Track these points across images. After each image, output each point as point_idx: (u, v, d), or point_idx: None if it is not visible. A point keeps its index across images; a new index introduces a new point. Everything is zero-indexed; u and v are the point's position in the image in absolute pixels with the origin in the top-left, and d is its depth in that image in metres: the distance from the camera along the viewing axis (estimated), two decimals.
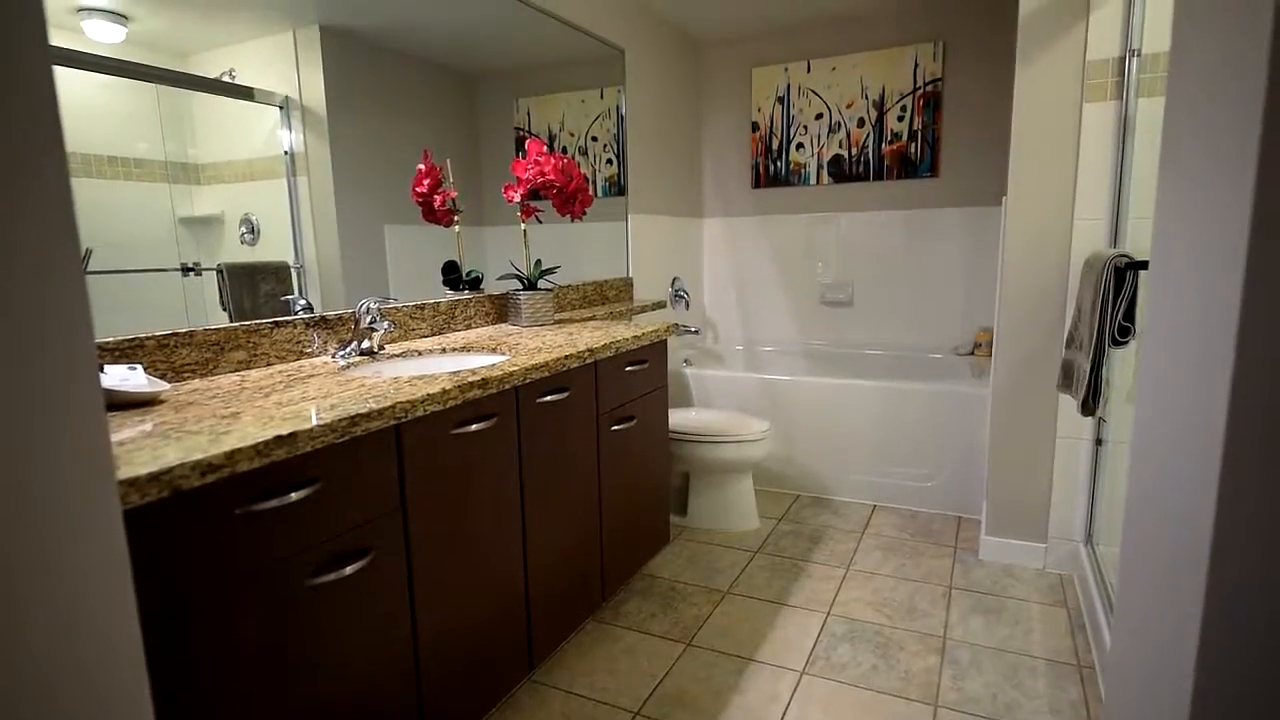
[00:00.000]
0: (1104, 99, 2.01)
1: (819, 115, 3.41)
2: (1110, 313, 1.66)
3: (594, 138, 2.79)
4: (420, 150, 2.00)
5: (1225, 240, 0.54)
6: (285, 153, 1.63)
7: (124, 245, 1.34)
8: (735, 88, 3.59)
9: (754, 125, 3.56)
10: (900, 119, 3.25)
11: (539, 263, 2.32)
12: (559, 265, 2.47)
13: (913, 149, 3.25)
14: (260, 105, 1.57)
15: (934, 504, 2.79)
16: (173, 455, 0.89)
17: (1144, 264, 1.62)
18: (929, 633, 1.95)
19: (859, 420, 2.86)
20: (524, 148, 2.38)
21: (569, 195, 2.19)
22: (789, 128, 3.48)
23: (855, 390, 2.85)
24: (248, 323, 1.53)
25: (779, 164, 3.53)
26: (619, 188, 2.96)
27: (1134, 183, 1.99)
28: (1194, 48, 0.65)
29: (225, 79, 1.49)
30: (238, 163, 1.53)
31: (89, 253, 1.27)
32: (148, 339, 1.34)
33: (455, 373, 1.44)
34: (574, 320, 2.36)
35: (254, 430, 1.01)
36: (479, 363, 1.78)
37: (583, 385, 1.79)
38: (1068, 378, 1.90)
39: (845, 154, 3.38)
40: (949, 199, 3.23)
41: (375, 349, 1.71)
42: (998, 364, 2.27)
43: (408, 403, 1.21)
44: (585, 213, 2.26)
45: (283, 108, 1.62)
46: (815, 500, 2.96)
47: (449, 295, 2.14)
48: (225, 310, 1.52)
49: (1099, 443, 2.15)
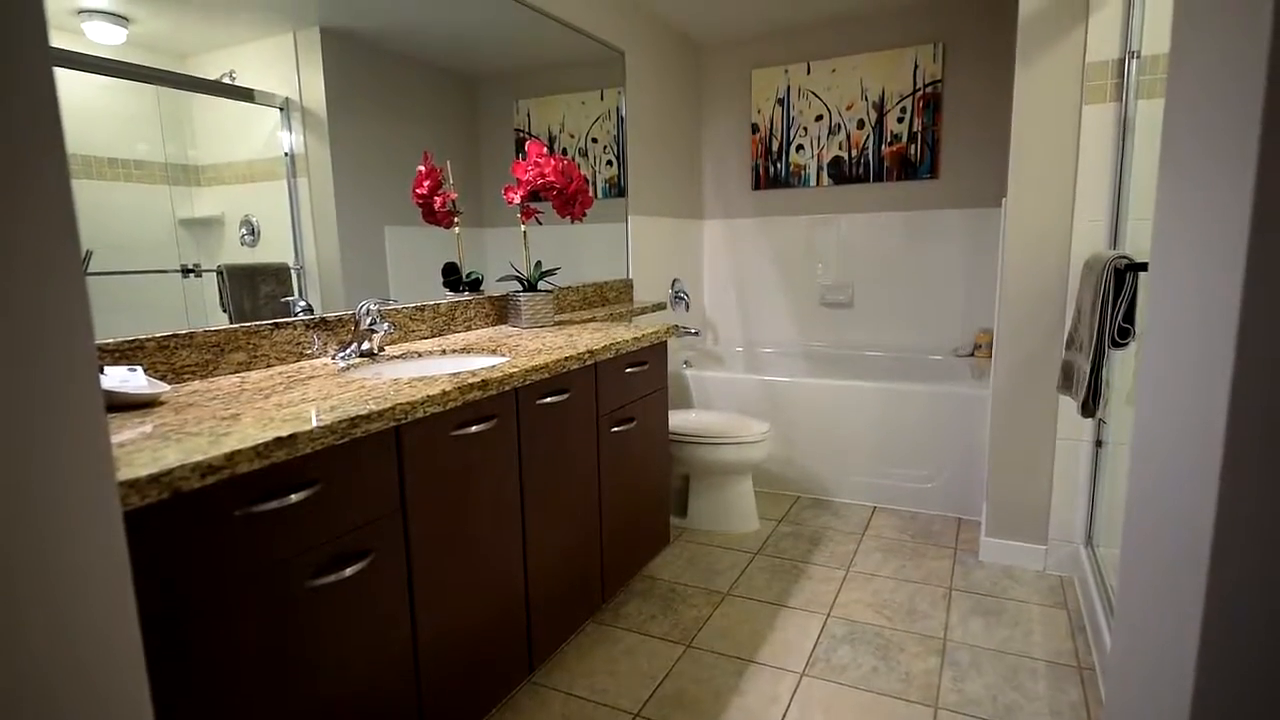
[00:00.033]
0: (1104, 101, 2.02)
1: (819, 117, 3.41)
2: (1110, 314, 1.66)
3: (594, 139, 2.79)
4: (420, 152, 2.01)
5: (1225, 240, 0.54)
6: (285, 154, 1.63)
7: (124, 247, 1.34)
8: (735, 89, 3.60)
9: (754, 127, 3.56)
10: (900, 120, 3.25)
11: (539, 264, 2.32)
12: (559, 267, 2.47)
13: (912, 150, 3.25)
14: (260, 107, 1.57)
15: (934, 505, 2.79)
16: (173, 457, 0.89)
17: (1144, 266, 1.62)
18: (929, 634, 1.95)
19: (859, 422, 2.86)
20: (524, 149, 2.38)
21: (569, 197, 2.19)
22: (789, 129, 3.48)
23: (855, 392, 2.85)
24: (248, 324, 1.53)
25: (779, 165, 3.53)
26: (619, 189, 2.96)
27: (1134, 184, 1.99)
28: (1194, 48, 0.65)
29: (226, 80, 1.49)
30: (238, 164, 1.53)
31: (89, 254, 1.28)
32: (148, 340, 1.34)
33: (455, 374, 1.44)
34: (574, 322, 2.36)
35: (254, 432, 1.01)
36: (479, 364, 1.78)
37: (583, 387, 1.79)
38: (1068, 379, 1.90)
39: (845, 155, 3.38)
40: (949, 200, 3.23)
41: (375, 350, 1.71)
42: (998, 365, 2.27)
43: (408, 404, 1.21)
44: (585, 214, 2.26)
45: (283, 109, 1.62)
46: (815, 502, 2.95)
47: (449, 297, 2.14)
48: (225, 312, 1.52)
49: (1099, 444, 2.15)
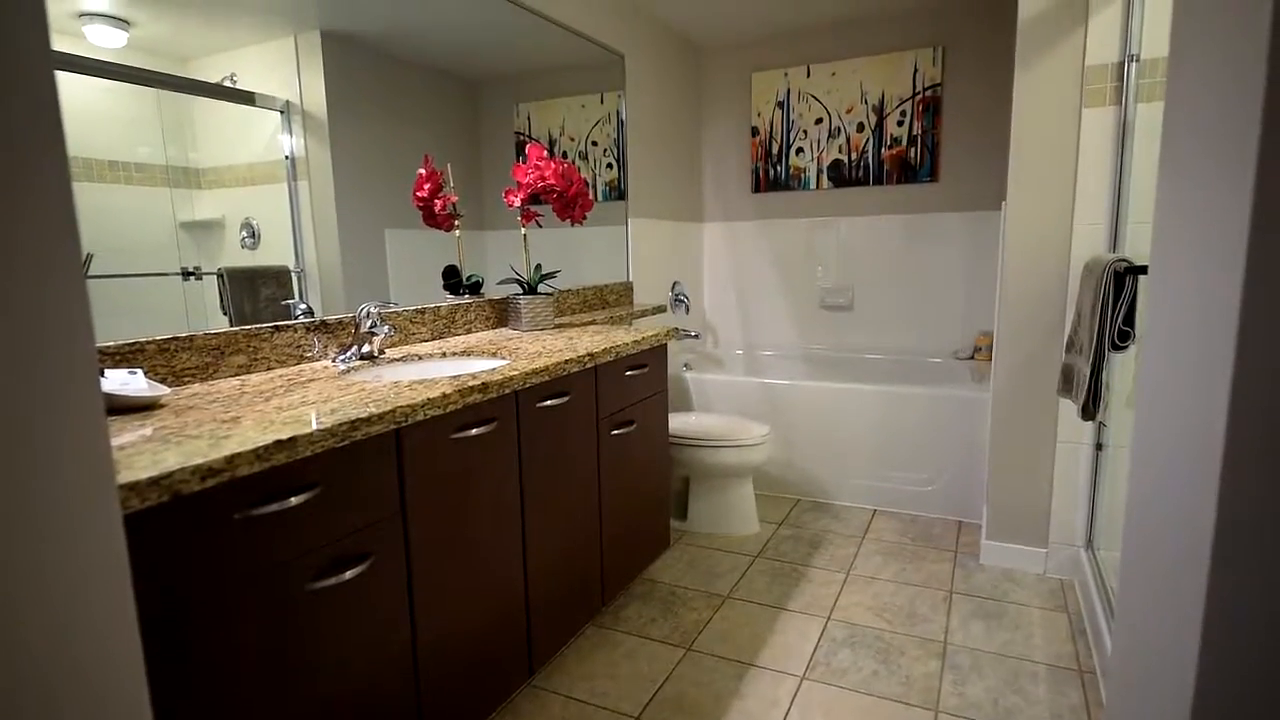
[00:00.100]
0: (1103, 104, 2.02)
1: (819, 120, 3.41)
2: (1110, 317, 1.66)
3: (594, 142, 2.80)
4: (421, 155, 2.01)
5: (1225, 241, 0.54)
6: (286, 157, 1.64)
7: (125, 250, 1.34)
8: (735, 92, 3.60)
9: (754, 130, 3.56)
10: (900, 124, 3.25)
11: (539, 267, 2.32)
12: (559, 270, 2.47)
13: (912, 154, 3.25)
14: (261, 110, 1.57)
15: (934, 508, 2.79)
16: (173, 459, 0.89)
17: (1143, 269, 1.62)
18: (929, 638, 1.95)
19: (859, 425, 2.86)
20: (524, 152, 2.38)
21: (569, 200, 2.19)
22: (789, 132, 3.49)
23: (855, 394, 2.85)
24: (248, 327, 1.53)
25: (779, 168, 3.54)
26: (619, 192, 2.97)
27: (1133, 187, 1.99)
28: (1193, 48, 0.65)
29: (227, 84, 1.50)
30: (239, 167, 1.53)
31: (90, 257, 1.28)
32: (148, 343, 1.34)
33: (455, 377, 1.44)
34: (574, 324, 2.36)
35: (254, 434, 1.01)
36: (479, 367, 1.78)
37: (583, 390, 1.79)
38: (1068, 382, 1.90)
39: (845, 159, 3.39)
40: (948, 204, 3.23)
41: (375, 353, 1.71)
42: (998, 368, 2.27)
43: (408, 407, 1.21)
44: (585, 217, 2.26)
45: (284, 112, 1.62)
46: (815, 505, 2.95)
47: (449, 299, 2.15)
48: (225, 314, 1.52)
49: (1099, 447, 2.15)
